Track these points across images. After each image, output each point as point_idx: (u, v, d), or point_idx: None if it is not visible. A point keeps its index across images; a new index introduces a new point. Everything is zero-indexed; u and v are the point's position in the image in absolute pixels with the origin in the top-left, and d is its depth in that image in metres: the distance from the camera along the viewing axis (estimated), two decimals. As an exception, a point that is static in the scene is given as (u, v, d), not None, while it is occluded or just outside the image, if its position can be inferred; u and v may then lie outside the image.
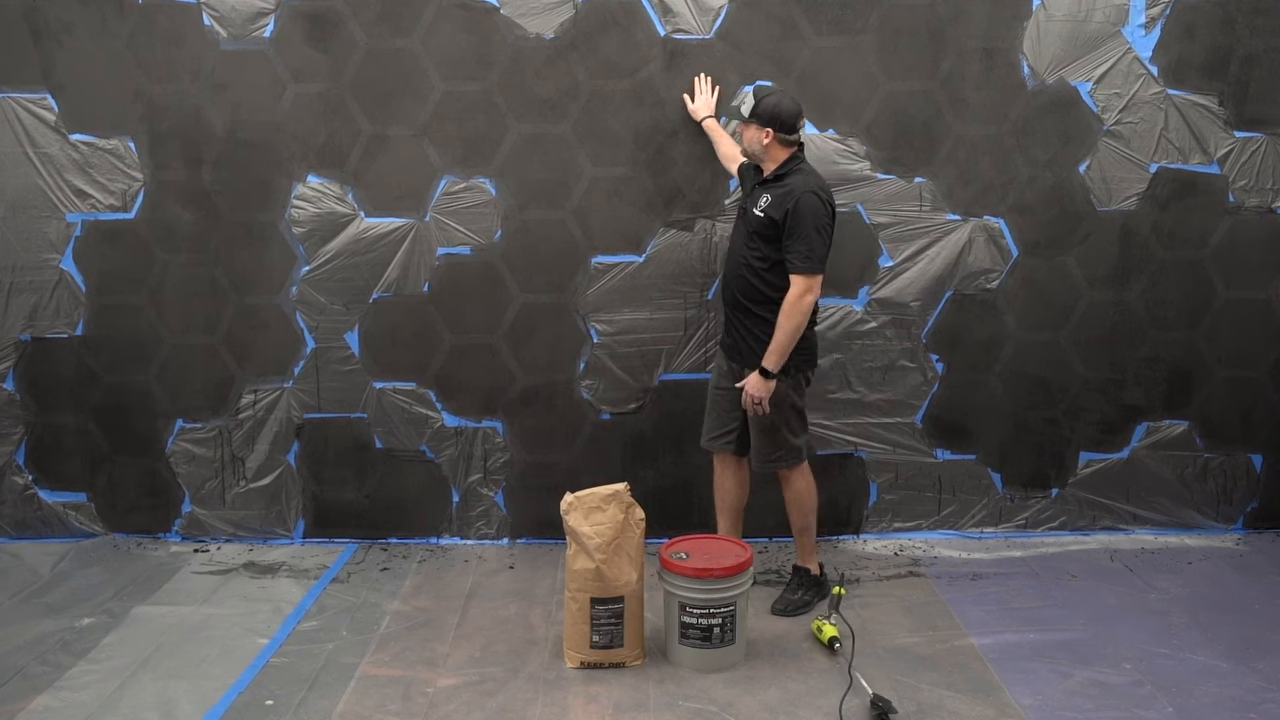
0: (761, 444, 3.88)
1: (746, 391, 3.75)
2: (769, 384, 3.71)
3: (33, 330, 4.52)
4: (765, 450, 3.89)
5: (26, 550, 4.54)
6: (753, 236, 3.77)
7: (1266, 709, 3.28)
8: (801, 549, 4.08)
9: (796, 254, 3.65)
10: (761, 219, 3.72)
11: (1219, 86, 4.40)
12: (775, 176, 3.77)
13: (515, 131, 4.36)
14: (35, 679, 3.47)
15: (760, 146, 3.76)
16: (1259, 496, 4.73)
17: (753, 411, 3.77)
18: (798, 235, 3.64)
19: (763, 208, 3.73)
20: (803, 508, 3.99)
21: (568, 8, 4.27)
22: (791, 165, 3.77)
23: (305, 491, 4.62)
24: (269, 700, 3.35)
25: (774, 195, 3.72)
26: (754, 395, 3.73)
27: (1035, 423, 4.63)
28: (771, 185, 3.76)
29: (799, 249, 3.65)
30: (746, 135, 3.79)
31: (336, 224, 4.42)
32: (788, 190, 3.69)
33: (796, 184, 3.69)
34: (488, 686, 3.43)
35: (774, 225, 3.69)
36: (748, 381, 3.75)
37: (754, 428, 3.88)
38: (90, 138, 4.37)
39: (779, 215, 3.67)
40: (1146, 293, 4.55)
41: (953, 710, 3.28)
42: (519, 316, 4.50)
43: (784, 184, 3.72)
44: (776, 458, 3.89)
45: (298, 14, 4.26)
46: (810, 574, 4.07)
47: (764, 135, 3.73)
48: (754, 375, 3.73)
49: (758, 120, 3.73)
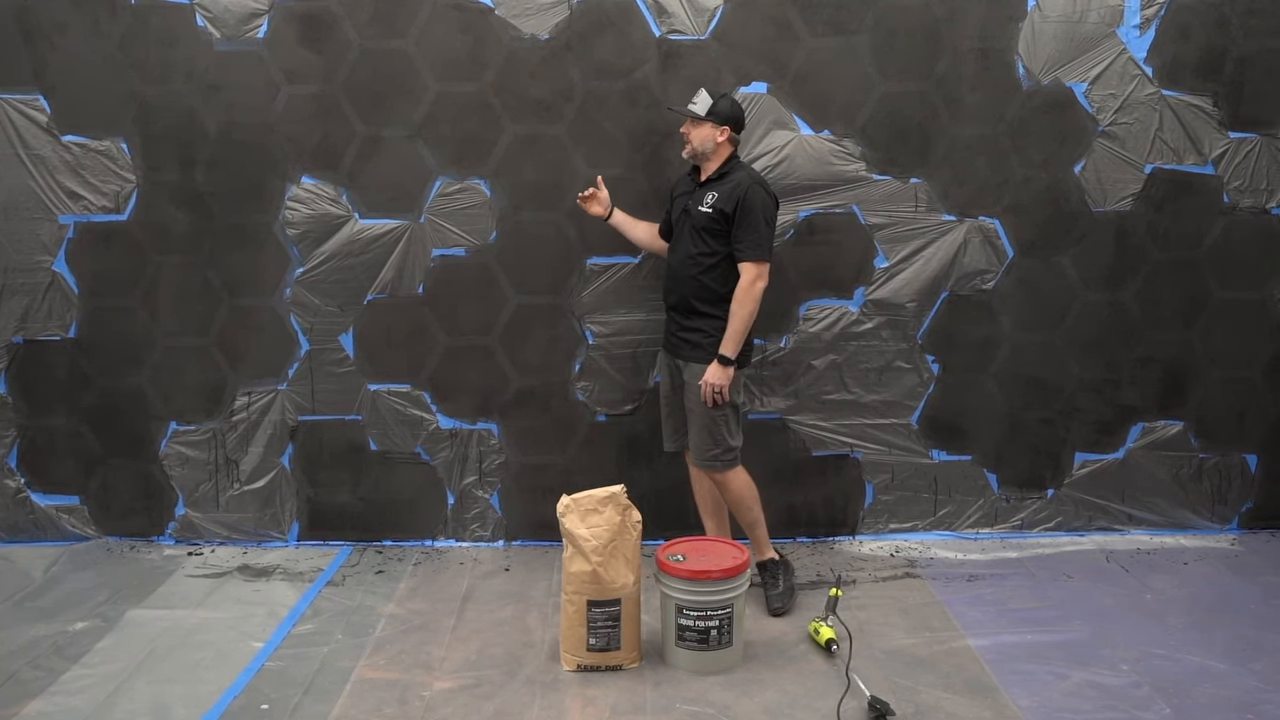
0: (702, 440, 3.94)
1: (707, 381, 3.82)
2: (728, 371, 3.81)
3: (25, 332, 4.49)
4: (704, 446, 3.94)
5: (19, 554, 4.51)
6: (700, 235, 3.87)
7: (1263, 709, 3.28)
8: (757, 543, 4.10)
9: (747, 243, 3.79)
10: (710, 214, 3.83)
11: (1213, 87, 4.41)
12: (719, 175, 3.90)
13: (510, 133, 4.35)
14: (28, 684, 3.45)
15: (712, 144, 3.88)
16: (1254, 496, 4.74)
17: (710, 401, 3.83)
18: (747, 225, 3.79)
19: (710, 204, 3.84)
20: (746, 505, 4.04)
21: (562, 8, 4.26)
22: (734, 163, 3.93)
23: (300, 494, 4.60)
24: (264, 704, 3.33)
25: (721, 191, 3.85)
26: (715, 384, 3.80)
27: (1031, 423, 4.63)
28: (716, 183, 3.89)
29: (749, 238, 3.79)
30: (698, 134, 3.88)
31: (331, 225, 4.40)
32: (735, 184, 3.83)
33: (742, 178, 3.85)
34: (484, 689, 3.42)
35: (724, 219, 3.81)
36: (709, 371, 3.82)
37: (696, 424, 3.95)
38: (83, 139, 4.35)
39: (730, 208, 3.80)
40: (1141, 293, 4.55)
41: (950, 712, 3.27)
42: (514, 318, 4.48)
43: (729, 180, 3.87)
44: (714, 455, 3.94)
45: (291, 15, 4.24)
46: (776, 561, 4.10)
47: (720, 133, 3.87)
48: (714, 365, 3.81)
49: (715, 119, 3.85)
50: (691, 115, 3.88)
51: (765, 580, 4.08)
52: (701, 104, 3.85)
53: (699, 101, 3.86)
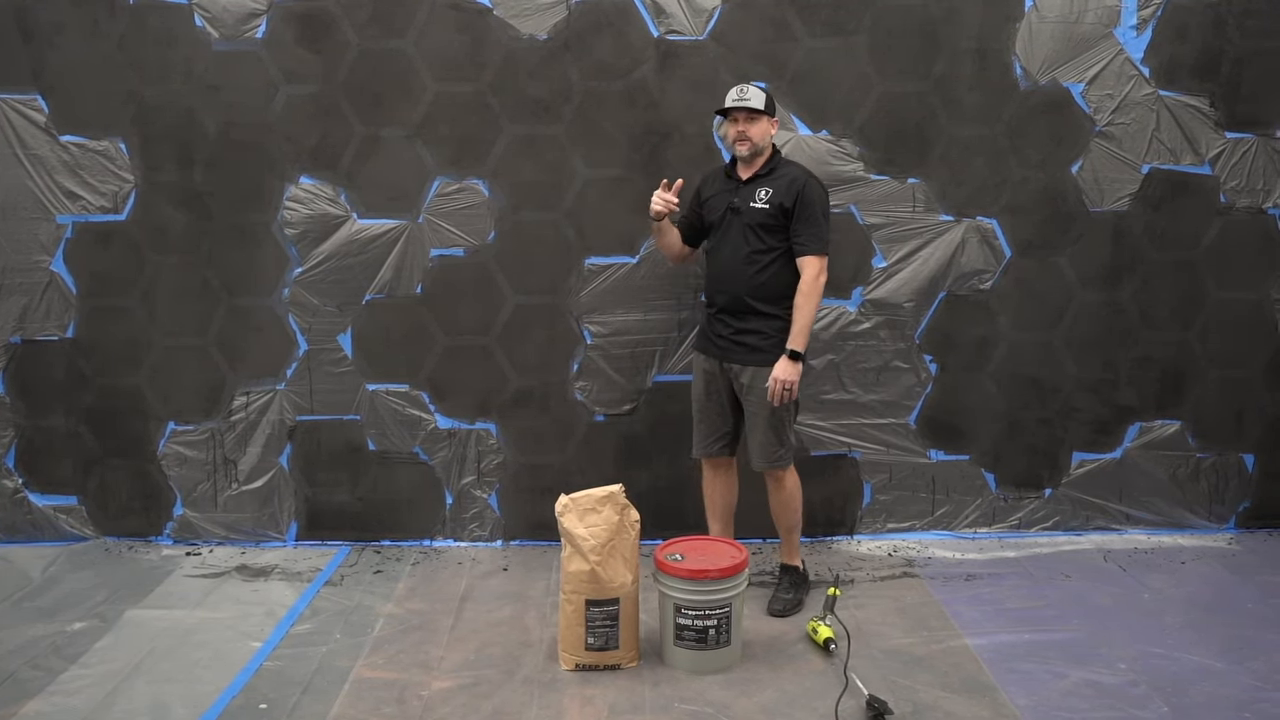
0: (767, 440, 3.88)
1: (778, 379, 3.73)
2: (798, 366, 3.75)
3: (23, 332, 4.49)
4: (770, 448, 3.89)
5: (17, 554, 4.51)
6: (755, 232, 3.78)
7: (1260, 708, 3.29)
8: (791, 548, 4.08)
9: (810, 236, 3.74)
10: (767, 210, 3.76)
11: (1210, 88, 4.42)
12: (768, 170, 3.83)
13: (508, 133, 4.35)
14: (26, 684, 3.44)
15: (768, 139, 3.82)
16: (1251, 496, 4.75)
17: (780, 400, 3.76)
18: (807, 219, 3.74)
19: (765, 199, 3.77)
20: (794, 506, 4.02)
21: (561, 9, 4.26)
22: (779, 157, 3.88)
23: (298, 494, 4.60)
24: (262, 704, 3.33)
25: (775, 186, 3.78)
26: (787, 380, 3.73)
27: (1028, 423, 4.64)
28: (765, 179, 3.82)
29: (810, 232, 3.75)
30: (757, 129, 3.78)
31: (329, 225, 4.40)
32: (791, 178, 3.78)
33: (797, 172, 3.81)
34: (483, 689, 3.42)
35: (783, 213, 3.75)
36: (779, 369, 3.74)
37: (761, 425, 3.88)
38: (81, 139, 4.35)
39: (790, 202, 3.73)
40: (1139, 293, 4.56)
41: (948, 711, 3.28)
42: (512, 318, 4.49)
43: (781, 174, 3.81)
44: (779, 455, 3.90)
45: (290, 15, 4.24)
46: (799, 571, 4.09)
47: (773, 126, 3.83)
48: (783, 361, 3.73)
49: (769, 113, 3.80)
50: (750, 110, 3.74)
51: (780, 581, 4.08)
52: (756, 98, 3.75)
53: (751, 96, 3.74)
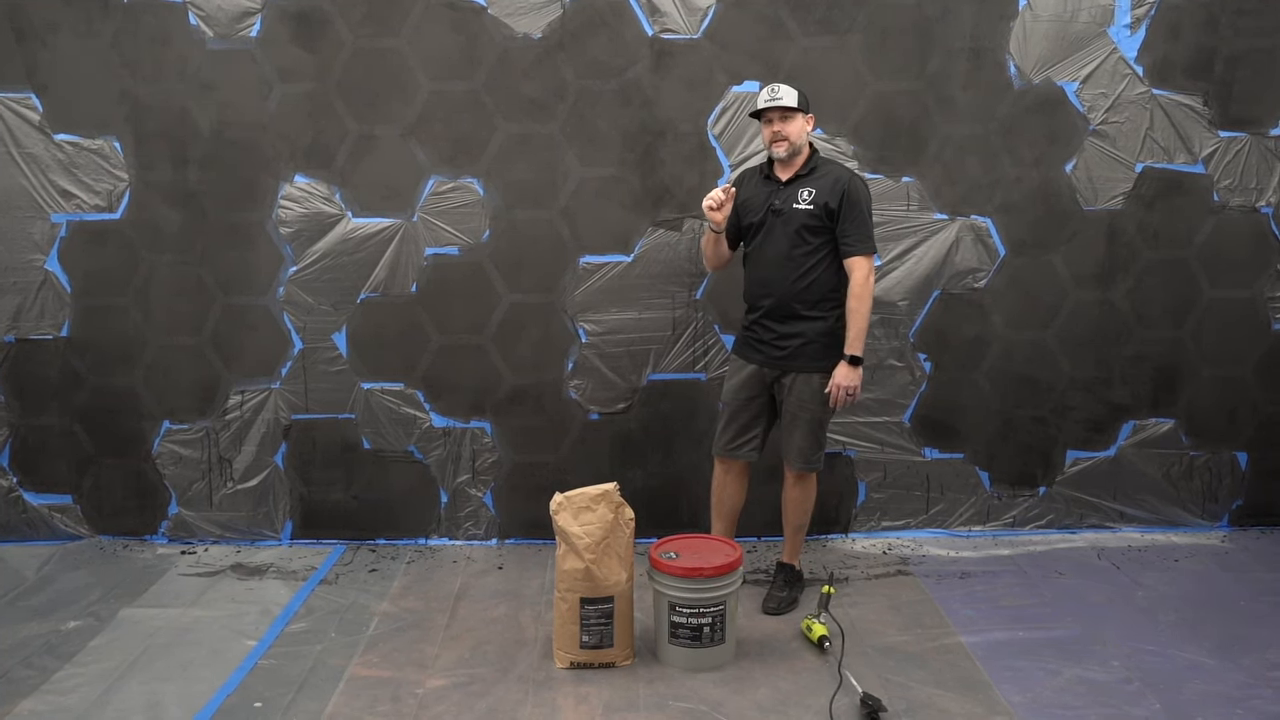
0: (808, 443, 3.88)
1: (839, 385, 3.72)
2: (858, 371, 3.74)
3: (17, 331, 4.49)
4: (810, 451, 3.90)
5: (11, 553, 4.51)
6: (800, 234, 3.73)
7: (1253, 704, 3.30)
8: (794, 546, 4.08)
9: (858, 236, 3.71)
10: (812, 210, 3.71)
11: (1203, 86, 4.43)
12: (808, 169, 3.78)
13: (503, 131, 4.35)
14: (21, 683, 3.44)
15: (805, 136, 3.78)
16: (1244, 494, 4.76)
17: (843, 404, 3.77)
18: (853, 219, 3.70)
19: (809, 200, 3.72)
20: (808, 507, 4.03)
21: (555, 7, 4.27)
22: (818, 157, 3.83)
23: (293, 493, 4.60)
24: (257, 703, 3.33)
25: (818, 186, 3.73)
26: (848, 386, 3.72)
27: (1022, 421, 4.65)
28: (806, 179, 3.77)
29: (858, 232, 3.71)
30: (793, 128, 3.72)
31: (324, 224, 4.40)
32: (835, 178, 3.73)
33: (840, 171, 3.77)
34: (477, 687, 3.42)
35: (828, 214, 3.70)
36: (840, 374, 3.73)
37: (801, 428, 3.86)
38: (75, 138, 4.34)
39: (835, 202, 3.69)
40: (1132, 291, 4.57)
41: (942, 708, 3.28)
42: (507, 316, 4.49)
43: (823, 174, 3.76)
44: (817, 458, 3.92)
45: (284, 13, 4.24)
46: (796, 570, 4.09)
47: (809, 123, 3.79)
48: (843, 367, 3.72)
49: (804, 109, 3.76)
50: (784, 109, 3.69)
51: (775, 580, 4.08)
52: (789, 96, 3.68)
53: (784, 94, 3.67)
